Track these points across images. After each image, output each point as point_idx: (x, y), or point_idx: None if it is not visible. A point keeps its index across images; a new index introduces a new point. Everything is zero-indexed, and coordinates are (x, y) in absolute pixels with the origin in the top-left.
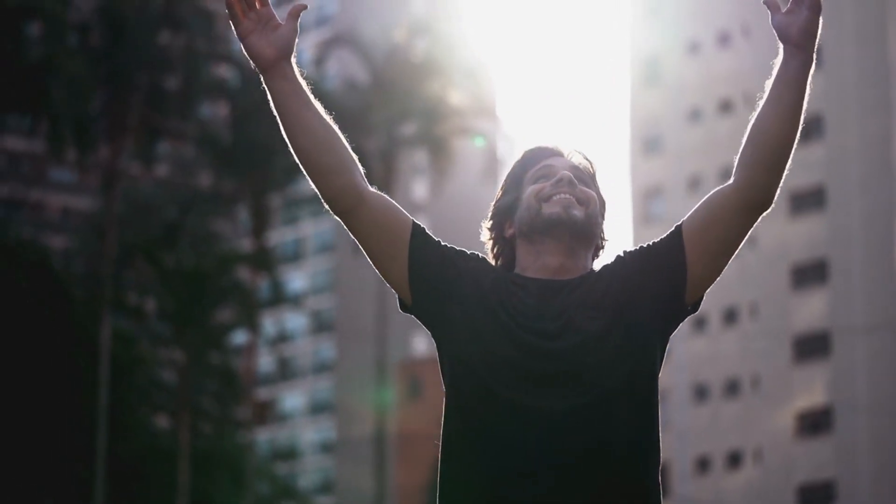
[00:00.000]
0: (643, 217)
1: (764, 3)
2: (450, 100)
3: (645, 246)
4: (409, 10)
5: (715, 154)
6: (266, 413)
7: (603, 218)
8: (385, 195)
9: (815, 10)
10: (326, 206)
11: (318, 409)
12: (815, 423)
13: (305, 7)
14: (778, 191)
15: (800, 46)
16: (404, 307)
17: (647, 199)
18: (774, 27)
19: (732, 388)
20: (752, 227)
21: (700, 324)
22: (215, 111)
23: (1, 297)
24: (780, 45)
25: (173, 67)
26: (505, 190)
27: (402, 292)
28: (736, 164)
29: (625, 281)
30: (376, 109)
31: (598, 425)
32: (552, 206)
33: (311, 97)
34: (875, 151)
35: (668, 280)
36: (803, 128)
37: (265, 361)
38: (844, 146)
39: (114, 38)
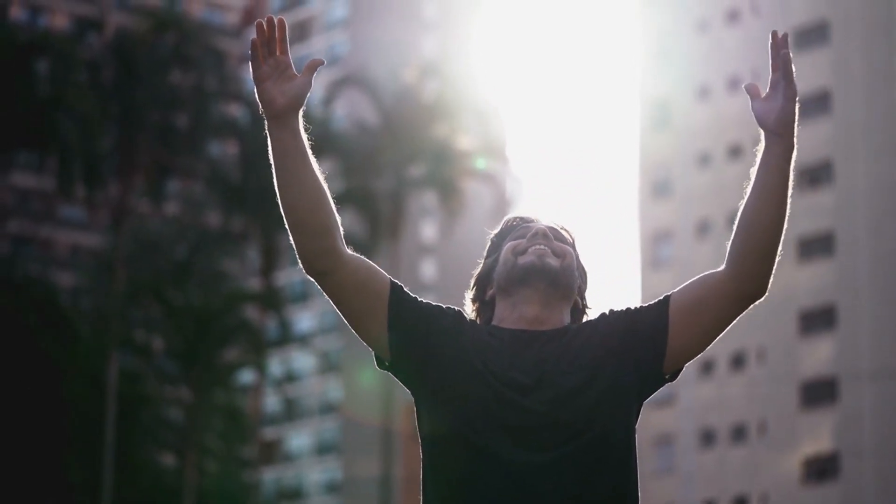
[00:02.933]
0: (651, 261)
1: (745, 88)
2: (459, 141)
3: (631, 309)
4: (420, 51)
5: (724, 198)
6: (272, 453)
7: (584, 283)
8: (363, 257)
9: (791, 99)
10: (302, 265)
11: (324, 449)
12: (821, 469)
13: (322, 63)
14: (771, 278)
15: (778, 134)
16: (381, 364)
17: (656, 243)
18: (754, 114)
19: (739, 433)
20: (742, 313)
21: (707, 368)
22: (225, 150)
23: (9, 334)
24: (761, 132)
25: (183, 106)
26: (485, 259)
27: (381, 350)
28: (728, 252)
29: (605, 339)
30: (386, 150)
31: (574, 480)
32: (527, 257)
33: (310, 154)
34: (884, 197)
35: (647, 348)
36: (812, 173)
37: (272, 401)
38: (853, 191)
39: (124, 76)
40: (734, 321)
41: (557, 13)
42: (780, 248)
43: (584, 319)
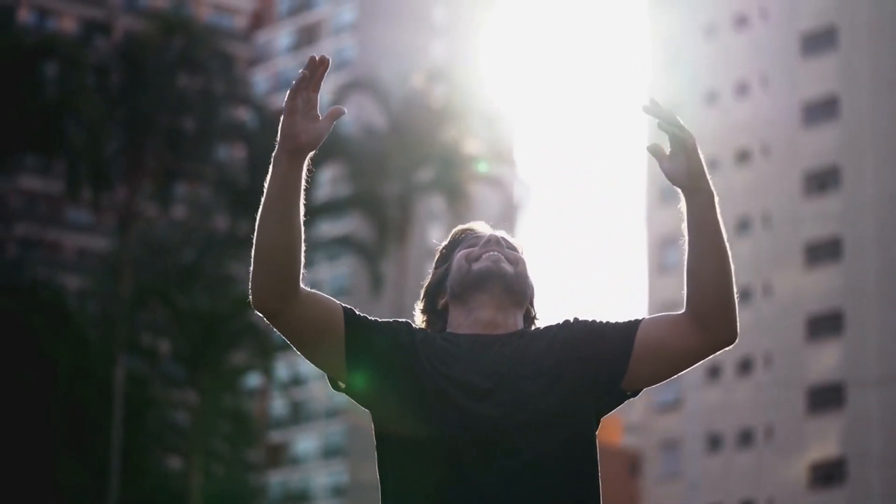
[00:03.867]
0: (658, 266)
1: (648, 151)
2: (467, 146)
3: (599, 323)
4: (428, 56)
5: (731, 203)
6: (278, 456)
7: (533, 293)
8: (314, 291)
9: (693, 151)
10: (253, 301)
11: (330, 452)
12: (828, 474)
13: (344, 112)
14: (737, 324)
15: (692, 188)
16: (336, 387)
17: (663, 248)
18: (665, 175)
19: (746, 438)
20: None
21: (714, 373)
22: (232, 153)
23: (16, 338)
24: (679, 190)
25: (191, 109)
26: (434, 269)
27: (337, 374)
28: (685, 306)
29: (566, 348)
30: (394, 154)
31: (533, 488)
32: (482, 263)
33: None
34: (891, 203)
35: (607, 368)
36: (820, 178)
37: (278, 404)
38: (860, 197)
39: (132, 80)
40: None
41: (566, 18)
42: (734, 292)
43: (534, 326)
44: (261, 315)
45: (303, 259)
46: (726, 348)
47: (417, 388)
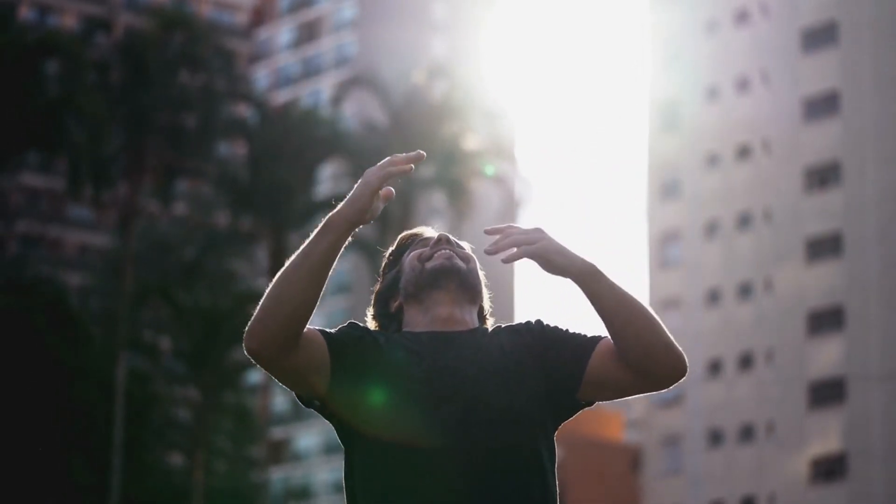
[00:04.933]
0: (660, 262)
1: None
2: (468, 142)
3: (561, 332)
4: (429, 52)
5: (732, 200)
6: (280, 453)
7: (483, 296)
8: (307, 330)
9: (539, 252)
10: (254, 344)
11: (332, 449)
12: (829, 469)
13: (394, 196)
14: (679, 358)
15: (568, 276)
16: (310, 404)
17: (664, 244)
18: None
19: (747, 433)
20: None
21: (715, 369)
22: (233, 150)
23: (17, 334)
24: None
25: (192, 106)
26: (383, 274)
27: (312, 393)
28: (625, 361)
29: (528, 352)
30: (394, 151)
31: (495, 486)
32: (435, 261)
33: None
34: (892, 198)
35: (562, 381)
36: (821, 174)
37: (280, 401)
38: (862, 193)
39: (133, 77)
40: None
41: (566, 14)
42: (664, 337)
43: (488, 324)
44: (249, 357)
45: None
46: (678, 382)
47: (391, 389)
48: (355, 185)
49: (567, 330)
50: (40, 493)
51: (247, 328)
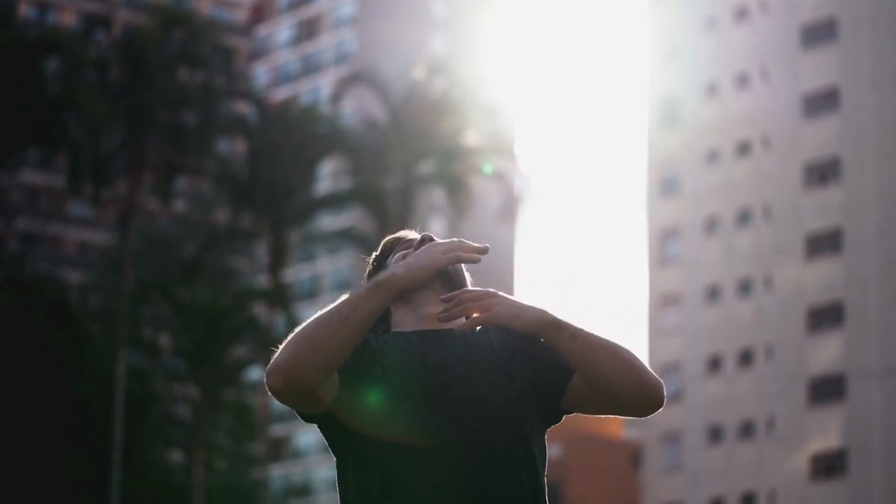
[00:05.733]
0: (659, 258)
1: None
2: (467, 138)
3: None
4: (428, 49)
5: (732, 196)
6: (280, 450)
7: None
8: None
9: (501, 315)
10: (282, 383)
11: None
12: (829, 465)
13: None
14: (658, 390)
15: (538, 334)
16: (310, 419)
17: (664, 241)
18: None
19: (747, 430)
20: None
21: (715, 365)
22: (233, 147)
23: (18, 332)
24: None
25: (192, 103)
26: (369, 279)
27: (317, 411)
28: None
29: (515, 348)
30: (394, 148)
31: (487, 483)
32: None
33: None
34: (892, 194)
35: (545, 385)
36: (821, 170)
37: None
38: (861, 190)
39: (132, 75)
40: None
41: (566, 11)
42: (640, 373)
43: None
44: (268, 391)
45: None
46: (655, 412)
47: (386, 389)
48: (418, 255)
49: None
50: (40, 490)
51: (274, 365)
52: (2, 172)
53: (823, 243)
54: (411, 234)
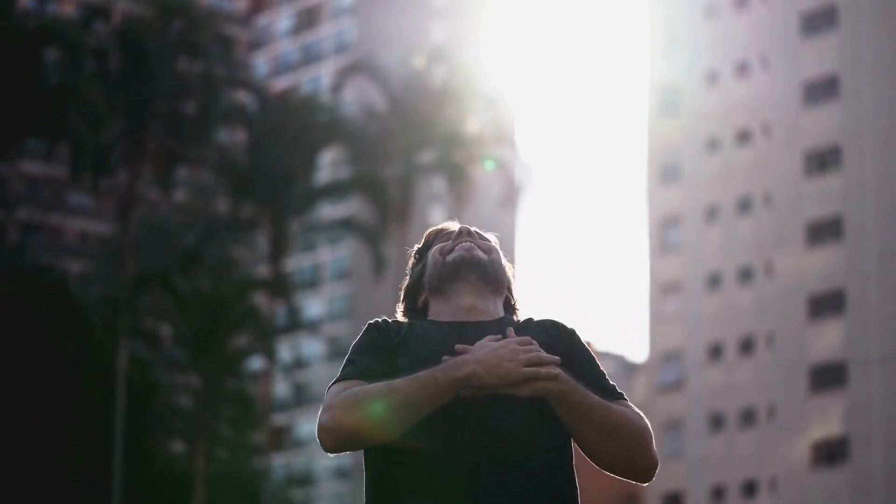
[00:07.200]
0: (660, 246)
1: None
2: (468, 127)
3: (589, 356)
4: (428, 38)
5: (732, 183)
6: (282, 439)
7: (511, 287)
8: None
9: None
10: (329, 447)
11: None
12: (830, 453)
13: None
14: (653, 462)
15: (550, 398)
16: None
17: (664, 228)
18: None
19: (748, 417)
20: None
21: (716, 353)
22: (233, 137)
23: (18, 322)
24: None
25: (191, 93)
26: (411, 270)
27: None
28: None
29: (548, 347)
30: (395, 137)
31: (517, 474)
32: (456, 253)
33: None
34: (892, 182)
35: None
36: (821, 158)
37: (281, 387)
38: (862, 177)
39: (132, 64)
40: None
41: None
42: (636, 448)
43: (516, 316)
44: (321, 444)
45: None
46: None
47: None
48: (499, 355)
49: (593, 360)
50: (41, 480)
51: (331, 425)
52: (2, 162)
53: (824, 231)
54: (452, 226)
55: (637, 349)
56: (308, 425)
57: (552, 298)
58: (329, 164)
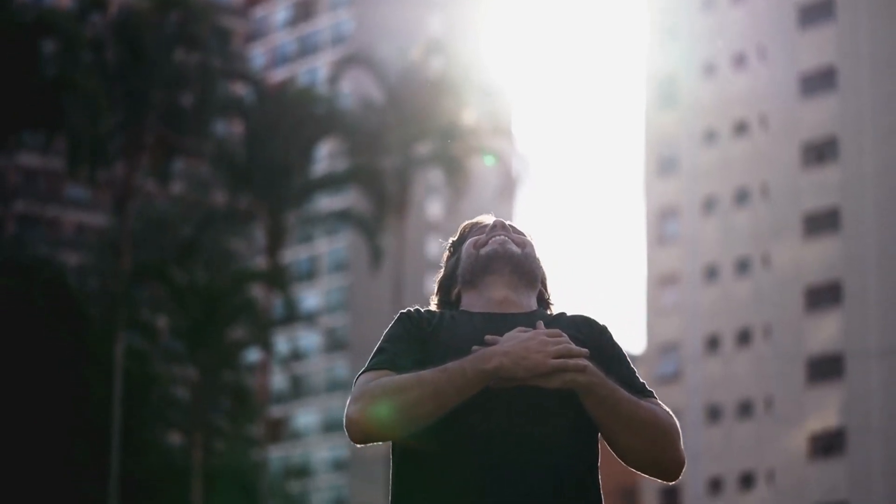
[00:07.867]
0: (657, 237)
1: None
2: (465, 119)
3: (621, 354)
4: (425, 29)
5: (730, 175)
6: (279, 431)
7: (546, 277)
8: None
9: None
10: (358, 440)
11: (331, 427)
12: (828, 444)
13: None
14: (678, 461)
15: (579, 391)
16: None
17: (662, 220)
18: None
19: (745, 409)
20: None
21: (714, 344)
22: (230, 129)
23: (16, 315)
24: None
25: (189, 85)
26: (446, 263)
27: None
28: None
29: (579, 343)
30: (392, 128)
31: (543, 468)
32: (489, 246)
33: None
34: (890, 174)
35: None
36: (818, 149)
37: (278, 379)
38: (859, 169)
39: (129, 56)
40: None
41: None
42: (665, 448)
43: (550, 311)
44: (349, 436)
45: None
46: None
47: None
48: (527, 347)
49: (624, 358)
50: (39, 472)
51: (356, 417)
52: None
53: (821, 222)
54: (487, 220)
55: (634, 341)
56: (305, 417)
57: (550, 290)
58: (326, 156)
